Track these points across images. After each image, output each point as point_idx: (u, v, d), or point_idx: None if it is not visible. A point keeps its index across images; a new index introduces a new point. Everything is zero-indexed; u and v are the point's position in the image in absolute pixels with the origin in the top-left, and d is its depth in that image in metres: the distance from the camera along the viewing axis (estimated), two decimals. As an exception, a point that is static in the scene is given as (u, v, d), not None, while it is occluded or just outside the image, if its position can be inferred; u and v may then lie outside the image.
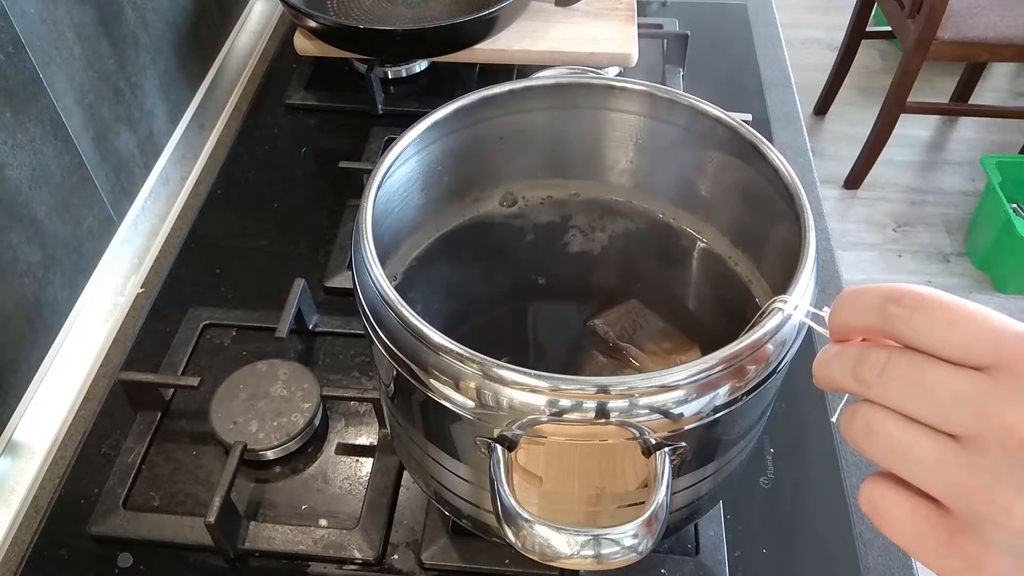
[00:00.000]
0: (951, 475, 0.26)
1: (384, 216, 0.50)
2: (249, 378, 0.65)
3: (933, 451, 0.26)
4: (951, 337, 0.26)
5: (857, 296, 0.29)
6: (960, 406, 0.26)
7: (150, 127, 0.83)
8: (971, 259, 1.98)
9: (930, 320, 0.26)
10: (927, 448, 0.26)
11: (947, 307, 0.26)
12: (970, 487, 0.25)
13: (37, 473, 0.63)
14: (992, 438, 0.25)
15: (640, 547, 0.37)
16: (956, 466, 0.26)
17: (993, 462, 0.25)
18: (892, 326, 0.27)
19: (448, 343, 0.39)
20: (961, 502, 0.26)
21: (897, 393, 0.27)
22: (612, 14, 0.94)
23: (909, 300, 0.27)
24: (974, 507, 0.26)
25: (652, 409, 0.38)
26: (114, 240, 0.77)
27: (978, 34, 1.80)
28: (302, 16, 0.87)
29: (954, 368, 0.26)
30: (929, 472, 0.26)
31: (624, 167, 0.59)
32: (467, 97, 0.53)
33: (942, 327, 0.26)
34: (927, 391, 0.26)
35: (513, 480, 0.40)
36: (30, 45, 0.64)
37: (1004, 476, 0.25)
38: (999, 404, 0.25)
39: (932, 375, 0.26)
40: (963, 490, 0.26)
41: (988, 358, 0.25)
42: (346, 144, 0.89)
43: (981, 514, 0.25)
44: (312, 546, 0.57)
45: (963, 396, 0.25)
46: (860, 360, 0.28)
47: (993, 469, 0.25)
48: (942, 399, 0.26)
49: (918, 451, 0.26)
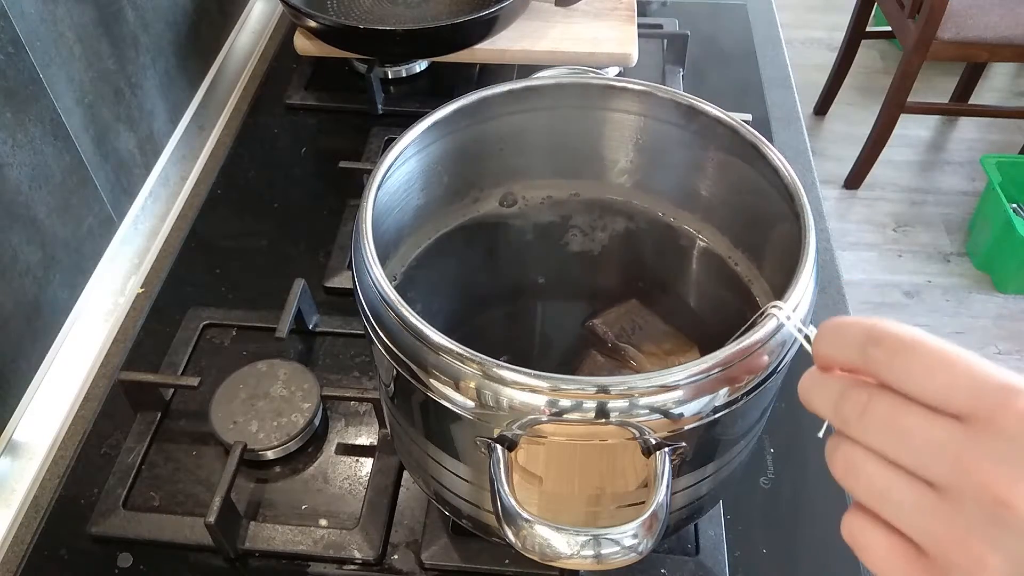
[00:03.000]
0: (927, 522, 0.26)
1: (384, 216, 0.50)
2: (249, 378, 0.65)
3: (910, 497, 0.26)
4: (930, 384, 0.26)
5: (839, 330, 0.29)
6: (937, 456, 0.26)
7: (150, 127, 0.83)
8: (971, 259, 1.98)
9: (910, 365, 0.26)
10: (905, 493, 0.26)
11: (928, 353, 0.26)
12: (945, 536, 0.26)
13: (37, 473, 0.63)
14: (967, 492, 0.25)
15: (640, 547, 0.37)
16: (932, 514, 0.26)
17: (968, 514, 0.25)
18: (872, 368, 0.27)
19: (448, 343, 0.39)
20: (936, 548, 0.26)
21: (876, 436, 0.27)
22: (612, 14, 0.94)
23: (890, 343, 0.27)
24: (948, 555, 0.26)
25: (652, 409, 0.38)
26: (114, 240, 0.77)
27: (978, 34, 1.80)
28: (302, 16, 0.87)
29: (932, 416, 0.26)
30: (906, 516, 0.27)
31: (624, 167, 0.59)
32: (467, 97, 0.53)
33: (921, 373, 0.26)
34: (905, 438, 0.26)
35: (513, 480, 0.40)
36: (30, 45, 0.64)
37: (978, 529, 0.25)
38: (975, 459, 0.25)
39: (910, 421, 0.26)
40: (938, 538, 0.26)
41: (966, 408, 0.25)
42: (346, 144, 0.89)
43: (954, 562, 0.26)
44: (312, 546, 0.57)
45: (940, 445, 0.25)
46: (842, 398, 0.28)
47: (968, 521, 0.25)
48: (919, 447, 0.26)
49: (896, 495, 0.27)
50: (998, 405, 0.25)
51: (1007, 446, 0.24)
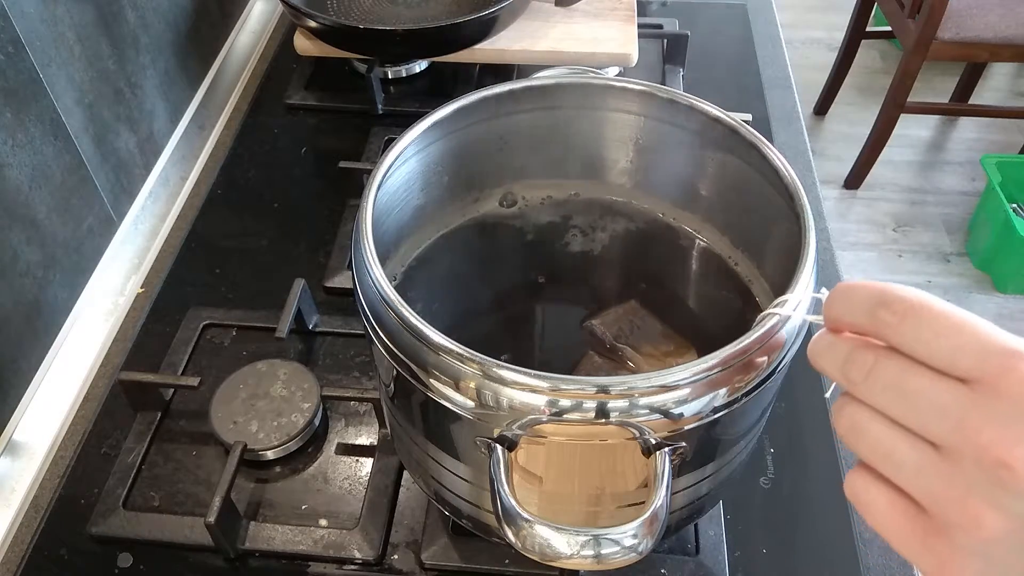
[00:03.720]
0: (928, 481, 0.27)
1: (384, 216, 0.50)
2: (249, 378, 0.65)
3: (913, 456, 0.27)
4: (936, 348, 0.26)
5: (849, 293, 0.29)
6: (940, 418, 0.26)
7: (150, 127, 0.83)
8: (971, 259, 1.98)
9: (918, 329, 0.26)
10: (907, 453, 0.27)
11: (936, 316, 0.26)
12: (945, 495, 0.26)
13: (37, 473, 0.63)
14: (968, 453, 0.25)
15: (640, 547, 0.37)
16: (934, 474, 0.26)
17: (968, 474, 0.25)
18: (881, 331, 0.27)
19: (448, 343, 0.39)
20: (936, 507, 0.27)
21: (881, 397, 0.28)
22: (612, 14, 0.94)
23: (899, 306, 0.27)
24: (947, 513, 0.26)
25: (652, 409, 0.38)
26: (114, 240, 0.77)
27: (978, 34, 1.80)
28: (302, 16, 0.87)
29: (938, 378, 0.26)
30: (908, 476, 0.27)
31: (624, 167, 0.59)
32: (467, 97, 0.53)
33: (929, 337, 0.26)
34: (910, 399, 0.27)
35: (513, 480, 0.40)
36: (30, 45, 0.64)
37: (977, 489, 0.25)
38: (977, 421, 0.25)
39: (916, 383, 0.27)
40: (938, 497, 0.27)
41: (971, 372, 0.25)
42: (346, 144, 0.89)
43: (953, 521, 0.26)
44: (312, 546, 0.57)
45: (944, 408, 0.26)
46: (849, 359, 0.28)
47: (968, 481, 0.26)
48: (923, 409, 0.26)
49: (899, 455, 0.27)
50: (1003, 368, 0.25)
51: (1010, 409, 0.25)
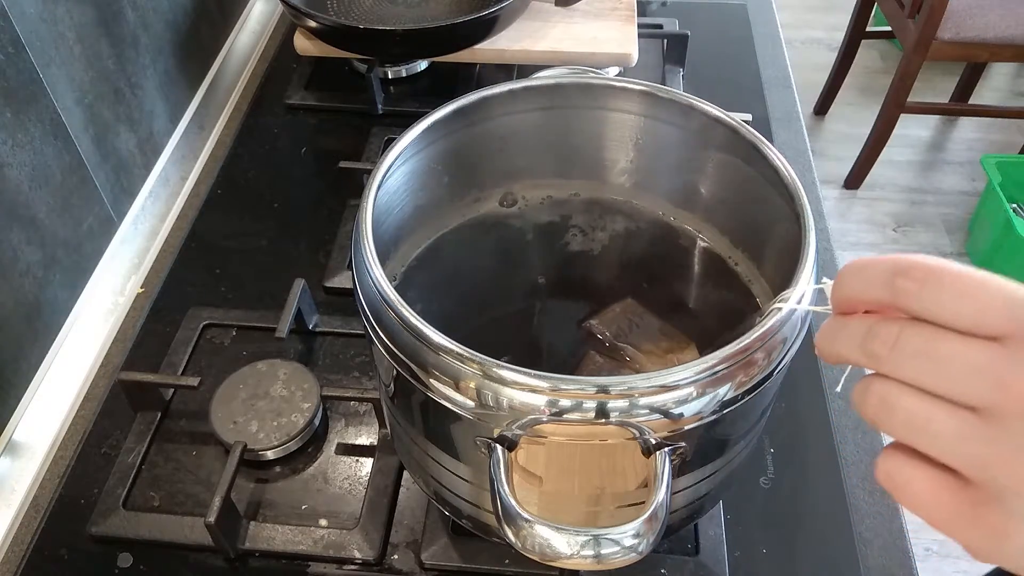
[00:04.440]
0: (972, 448, 0.25)
1: (384, 216, 0.50)
2: (249, 378, 0.65)
3: (952, 424, 0.26)
4: (963, 308, 0.25)
5: (863, 269, 0.28)
6: (977, 378, 0.25)
7: (150, 127, 0.83)
8: (971, 259, 1.98)
9: (941, 292, 0.26)
10: (946, 422, 0.26)
11: (958, 277, 0.26)
12: (992, 459, 0.25)
13: (37, 473, 0.63)
14: (1011, 409, 0.24)
15: (640, 547, 0.37)
16: (976, 438, 0.25)
17: (1014, 432, 0.24)
18: (902, 300, 0.27)
19: (448, 343, 0.39)
20: (983, 474, 0.26)
21: (911, 367, 0.26)
22: (612, 14, 0.94)
23: (918, 272, 0.26)
24: (997, 478, 0.25)
25: (652, 409, 0.38)
26: (114, 240, 0.77)
27: (978, 34, 1.80)
28: (302, 16, 0.87)
29: (968, 339, 0.25)
30: (949, 446, 0.26)
31: (624, 167, 0.59)
32: (467, 97, 0.53)
33: (954, 299, 0.25)
34: (942, 364, 0.26)
35: (513, 480, 0.40)
36: (30, 45, 0.64)
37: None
38: (1016, 374, 0.24)
39: (946, 348, 0.26)
40: (985, 462, 0.25)
41: (1002, 327, 0.25)
42: (346, 144, 0.89)
43: (1004, 485, 0.25)
44: (312, 546, 0.57)
45: (979, 368, 0.25)
46: (870, 334, 0.27)
47: (1014, 439, 0.25)
48: (958, 372, 0.25)
49: (937, 425, 0.26)
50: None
51: None
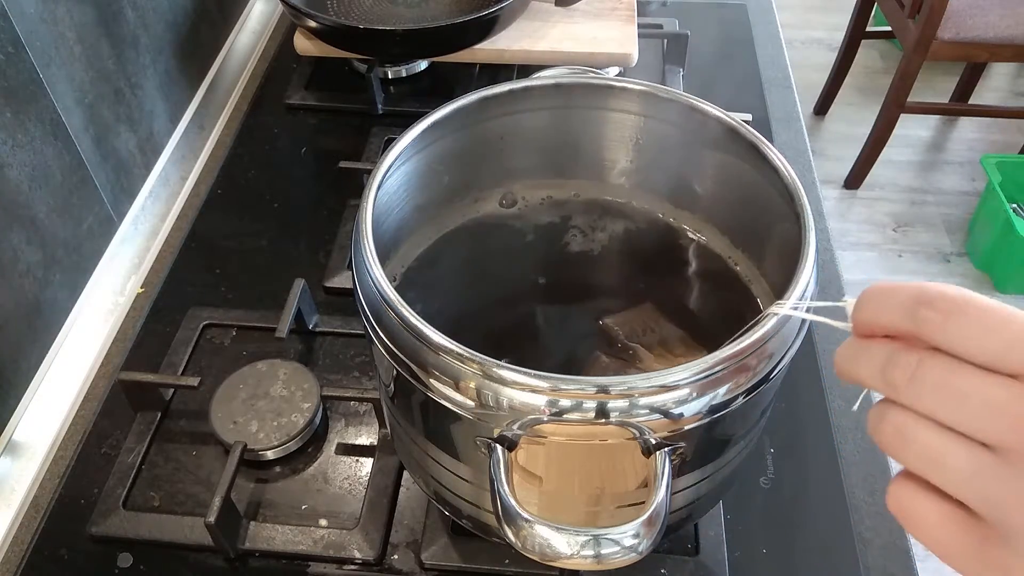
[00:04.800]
0: (985, 486, 0.25)
1: (384, 216, 0.50)
2: (249, 378, 0.65)
3: (967, 461, 0.25)
4: (987, 344, 0.25)
5: (886, 295, 0.27)
6: (995, 416, 0.25)
7: (150, 127, 0.83)
8: (971, 259, 1.98)
9: (966, 326, 0.25)
10: (961, 457, 0.26)
11: (984, 312, 0.25)
12: (1004, 498, 0.25)
13: (37, 473, 0.63)
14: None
15: (640, 547, 0.37)
16: (990, 477, 0.25)
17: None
18: (925, 330, 0.26)
19: (448, 343, 0.39)
20: (994, 512, 0.25)
21: (929, 400, 0.26)
22: (612, 14, 0.94)
23: (943, 304, 0.26)
24: (1007, 519, 0.25)
25: (652, 409, 0.38)
26: (114, 240, 0.77)
27: (978, 34, 1.80)
28: (302, 16, 0.87)
29: (988, 375, 0.25)
30: (963, 482, 0.26)
31: (624, 167, 0.59)
32: (467, 97, 0.53)
33: (978, 333, 0.25)
34: (961, 399, 0.25)
35: (513, 480, 0.40)
36: (30, 45, 0.64)
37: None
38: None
39: (966, 382, 0.25)
40: (997, 501, 0.25)
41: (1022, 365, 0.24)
42: (346, 144, 0.89)
43: (1013, 525, 0.25)
44: (312, 546, 0.57)
45: (998, 405, 0.25)
46: (890, 363, 0.27)
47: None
48: (976, 408, 0.25)
49: (952, 460, 0.26)
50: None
51: None
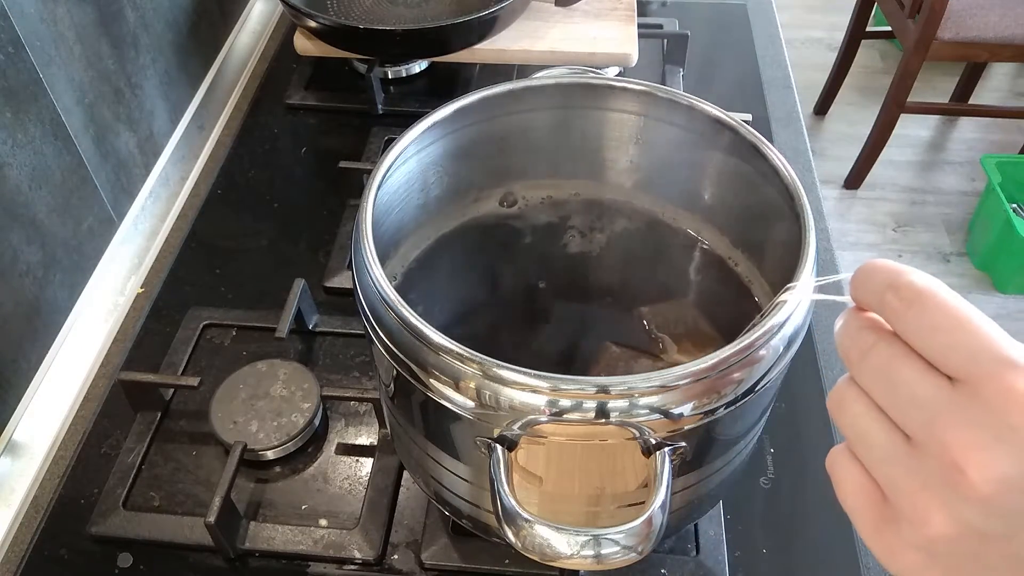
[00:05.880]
0: (892, 470, 0.27)
1: (384, 216, 0.50)
2: (249, 378, 0.65)
3: (885, 442, 0.27)
4: (932, 341, 0.26)
5: (870, 273, 0.28)
6: (917, 410, 0.26)
7: (150, 127, 0.83)
8: (971, 259, 1.98)
9: (920, 318, 0.26)
10: (880, 438, 0.27)
11: (940, 308, 0.26)
12: (903, 486, 0.27)
13: (37, 473, 0.63)
14: (933, 450, 0.25)
15: (640, 547, 0.37)
16: (898, 463, 0.27)
17: (928, 471, 0.26)
18: (886, 315, 0.28)
19: (448, 343, 0.39)
20: (893, 496, 0.27)
21: (869, 380, 0.28)
22: (612, 14, 0.94)
23: (906, 292, 0.27)
24: (901, 504, 0.27)
25: (652, 409, 0.38)
26: (114, 240, 0.77)
27: (978, 34, 1.80)
28: (302, 16, 0.87)
29: (927, 371, 0.26)
30: (876, 460, 0.28)
31: (624, 167, 0.59)
32: (467, 97, 0.53)
33: (927, 328, 0.26)
34: (893, 387, 0.27)
35: (513, 480, 0.40)
36: (30, 45, 0.64)
37: (932, 487, 0.26)
38: (947, 420, 0.25)
39: (903, 372, 0.27)
40: (897, 486, 0.27)
41: (959, 371, 0.25)
42: (346, 144, 0.89)
43: (904, 513, 0.27)
44: (312, 546, 0.57)
45: (922, 401, 0.26)
46: (854, 338, 0.29)
47: (926, 478, 0.26)
48: (904, 398, 0.27)
49: (872, 438, 0.28)
50: (989, 375, 0.24)
51: (982, 415, 0.24)
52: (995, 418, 0.24)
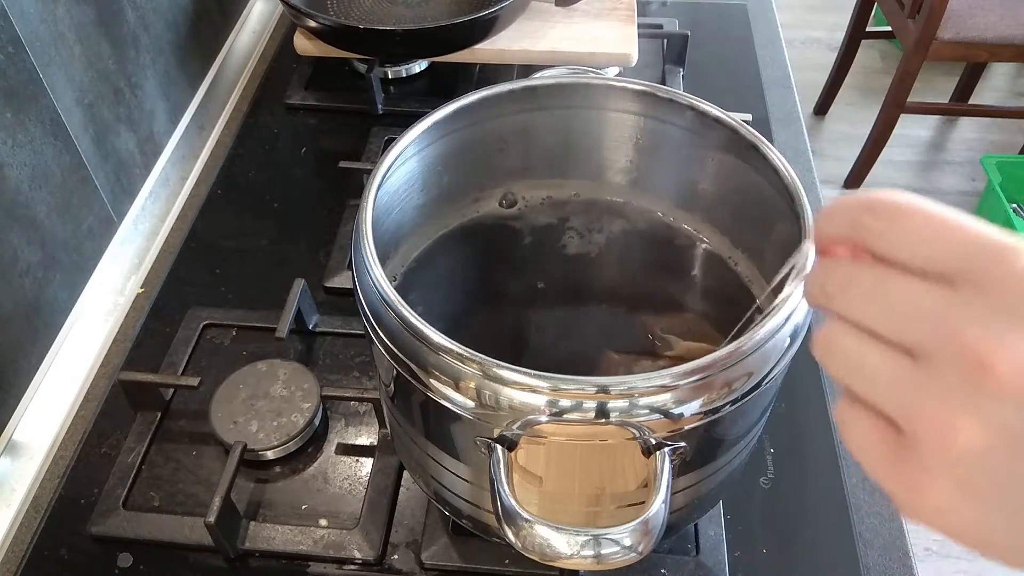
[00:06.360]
0: (901, 392, 0.25)
1: (384, 216, 0.50)
2: (249, 378, 0.65)
3: (886, 367, 0.25)
4: (921, 247, 0.24)
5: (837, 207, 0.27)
6: (919, 320, 0.24)
7: (150, 127, 0.83)
8: (971, 259, 1.98)
9: (905, 230, 0.25)
10: (880, 364, 0.25)
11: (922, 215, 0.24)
12: (917, 407, 0.24)
13: (37, 473, 0.63)
14: (947, 355, 0.23)
15: (640, 547, 0.37)
16: (907, 383, 0.24)
17: (944, 381, 0.23)
18: (864, 237, 0.26)
19: (448, 343, 0.39)
20: (908, 421, 0.24)
21: (858, 306, 0.26)
22: (612, 14, 0.94)
23: (884, 210, 0.25)
24: (918, 427, 0.24)
25: (652, 409, 0.38)
26: (114, 240, 0.77)
27: (978, 34, 1.80)
28: (302, 16, 0.87)
29: (920, 281, 0.24)
30: (882, 389, 0.25)
31: (624, 167, 0.59)
32: (467, 97, 0.53)
33: (913, 236, 0.24)
34: (888, 305, 0.25)
35: (513, 480, 0.40)
36: (30, 45, 0.64)
37: (952, 396, 0.23)
38: (958, 320, 0.23)
39: (895, 288, 0.25)
40: (910, 409, 0.24)
41: (957, 269, 0.24)
42: (346, 144, 0.89)
43: (923, 435, 0.24)
44: (312, 546, 0.57)
45: (924, 310, 0.24)
46: (829, 273, 0.27)
47: (943, 389, 0.23)
48: (902, 312, 0.25)
49: (871, 368, 0.25)
50: (991, 263, 0.23)
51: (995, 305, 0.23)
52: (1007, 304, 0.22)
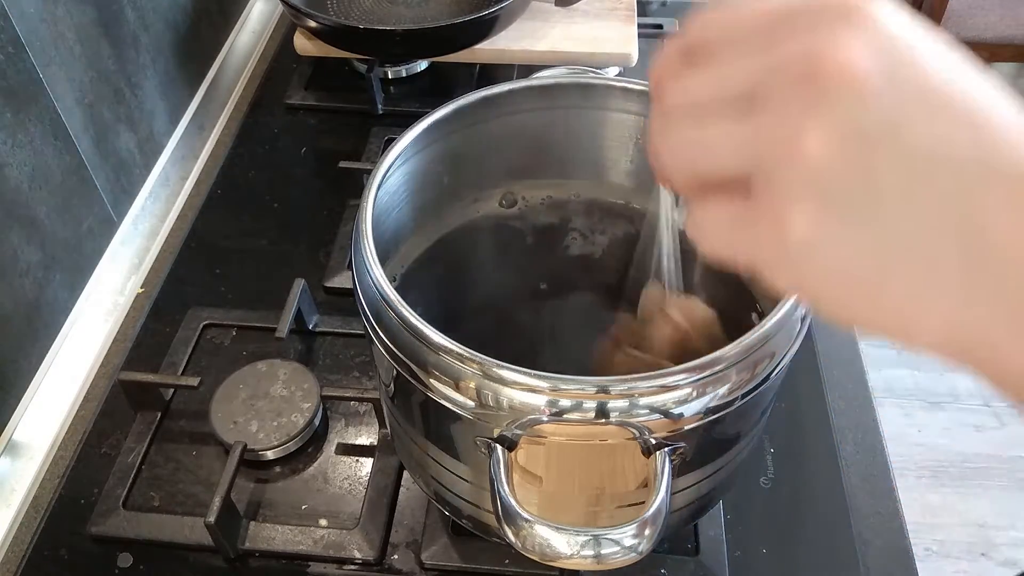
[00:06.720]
0: (742, 137, 0.23)
1: (384, 216, 0.50)
2: (249, 378, 0.65)
3: (726, 123, 0.23)
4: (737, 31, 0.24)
5: (659, 57, 0.26)
6: (747, 67, 0.23)
7: (150, 127, 0.83)
8: (971, 259, 1.98)
9: (722, 22, 0.24)
10: (719, 125, 0.24)
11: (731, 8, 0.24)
12: (761, 136, 0.23)
13: (37, 473, 0.63)
14: (779, 80, 0.22)
15: (640, 547, 0.37)
16: (747, 127, 0.23)
17: (781, 103, 0.22)
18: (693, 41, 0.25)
19: (448, 343, 0.39)
20: (752, 162, 0.23)
21: (693, 86, 0.25)
22: (612, 14, 0.94)
23: (699, 24, 0.25)
24: (762, 158, 0.23)
25: (652, 409, 0.38)
26: (114, 240, 0.77)
27: (978, 34, 1.81)
28: (302, 16, 0.87)
29: (740, 43, 0.24)
30: (727, 149, 0.24)
31: (624, 167, 0.59)
32: (467, 97, 0.53)
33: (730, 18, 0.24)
34: (717, 74, 0.24)
35: (513, 480, 0.40)
36: (30, 45, 0.64)
37: (790, 110, 0.22)
38: (782, 45, 0.22)
39: (722, 57, 0.24)
40: (751, 148, 0.23)
41: (776, 20, 0.23)
42: (346, 144, 0.89)
43: (768, 160, 0.22)
44: (312, 546, 0.57)
45: (749, 55, 0.23)
46: (663, 85, 0.25)
47: (781, 108, 0.22)
48: (728, 73, 0.24)
49: (712, 136, 0.24)
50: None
51: (813, 20, 0.22)
52: (826, 16, 0.22)
